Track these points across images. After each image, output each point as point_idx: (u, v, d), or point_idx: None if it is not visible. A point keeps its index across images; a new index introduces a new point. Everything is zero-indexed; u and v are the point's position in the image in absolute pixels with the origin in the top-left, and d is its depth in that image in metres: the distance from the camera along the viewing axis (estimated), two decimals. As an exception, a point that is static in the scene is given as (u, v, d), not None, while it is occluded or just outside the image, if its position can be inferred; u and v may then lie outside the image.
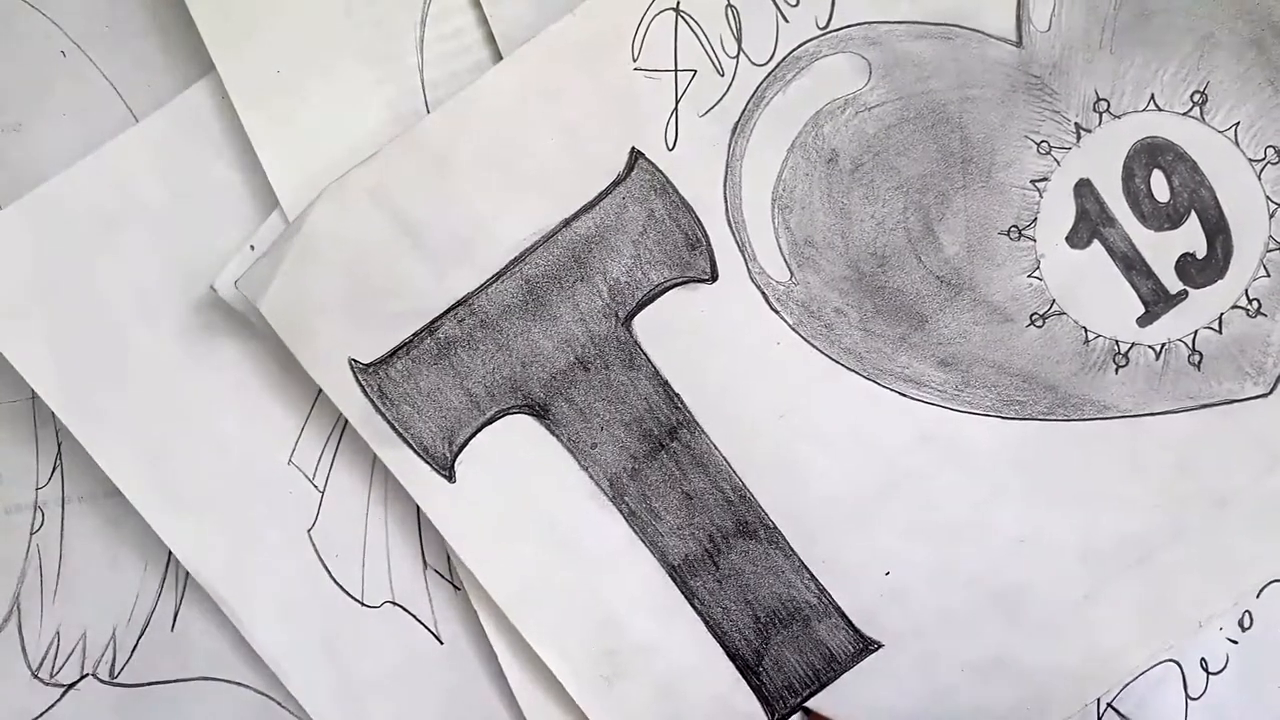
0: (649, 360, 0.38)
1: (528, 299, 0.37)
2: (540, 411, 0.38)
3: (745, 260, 0.37)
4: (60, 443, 0.40)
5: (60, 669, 0.40)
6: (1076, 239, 0.37)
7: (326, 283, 0.37)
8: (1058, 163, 0.37)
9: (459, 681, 0.40)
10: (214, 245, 0.38)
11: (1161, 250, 0.37)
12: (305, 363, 0.37)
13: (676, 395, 0.38)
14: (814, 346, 0.38)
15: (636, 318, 0.37)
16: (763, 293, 0.38)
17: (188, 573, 0.39)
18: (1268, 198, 0.37)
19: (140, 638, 0.40)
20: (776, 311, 0.38)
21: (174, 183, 0.38)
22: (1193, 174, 0.37)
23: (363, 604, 0.40)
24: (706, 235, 0.37)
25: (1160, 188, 0.37)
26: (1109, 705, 0.39)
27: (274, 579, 0.39)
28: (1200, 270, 0.38)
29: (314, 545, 0.39)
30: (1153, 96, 0.37)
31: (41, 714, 0.40)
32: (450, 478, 0.38)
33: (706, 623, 0.38)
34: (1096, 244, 0.37)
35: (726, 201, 0.37)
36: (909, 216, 0.37)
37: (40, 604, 0.40)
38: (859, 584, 0.38)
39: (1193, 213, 0.37)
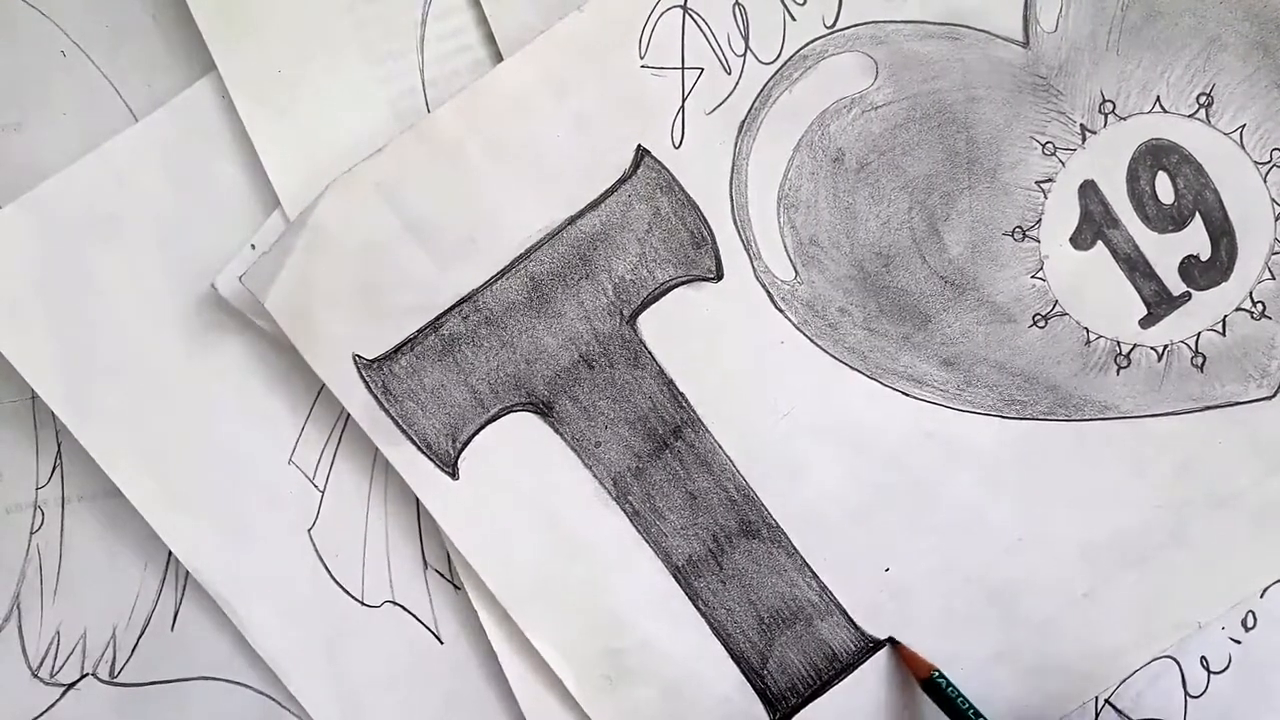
0: (653, 358, 0.37)
1: (532, 296, 0.37)
2: (544, 409, 0.37)
3: (750, 259, 0.37)
4: (60, 442, 0.40)
5: (60, 669, 0.40)
6: (1080, 240, 0.37)
7: (332, 278, 0.36)
8: (1063, 164, 0.37)
9: (459, 681, 0.40)
10: (215, 244, 0.38)
11: (1165, 252, 0.38)
12: (309, 358, 0.37)
13: (681, 394, 0.38)
14: (818, 345, 0.38)
15: (641, 316, 0.37)
16: (767, 291, 0.37)
17: (188, 572, 0.39)
18: (1273, 200, 0.37)
19: (140, 637, 0.40)
20: (781, 310, 0.38)
21: (174, 182, 0.38)
22: (1197, 176, 0.37)
23: (363, 604, 0.39)
24: (712, 233, 0.37)
25: (1165, 190, 0.37)
26: (1106, 702, 0.39)
27: (274, 578, 0.39)
28: (1204, 272, 0.38)
29: (314, 545, 0.39)
30: (1158, 98, 0.37)
31: (41, 714, 0.40)
32: (454, 475, 0.38)
33: (710, 624, 0.38)
34: (1100, 245, 0.37)
35: (732, 200, 0.37)
36: (914, 216, 0.37)
37: (40, 603, 0.40)
38: (860, 582, 0.38)
39: (1197, 215, 0.37)
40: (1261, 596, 0.39)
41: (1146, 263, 0.38)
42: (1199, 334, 0.38)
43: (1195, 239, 0.38)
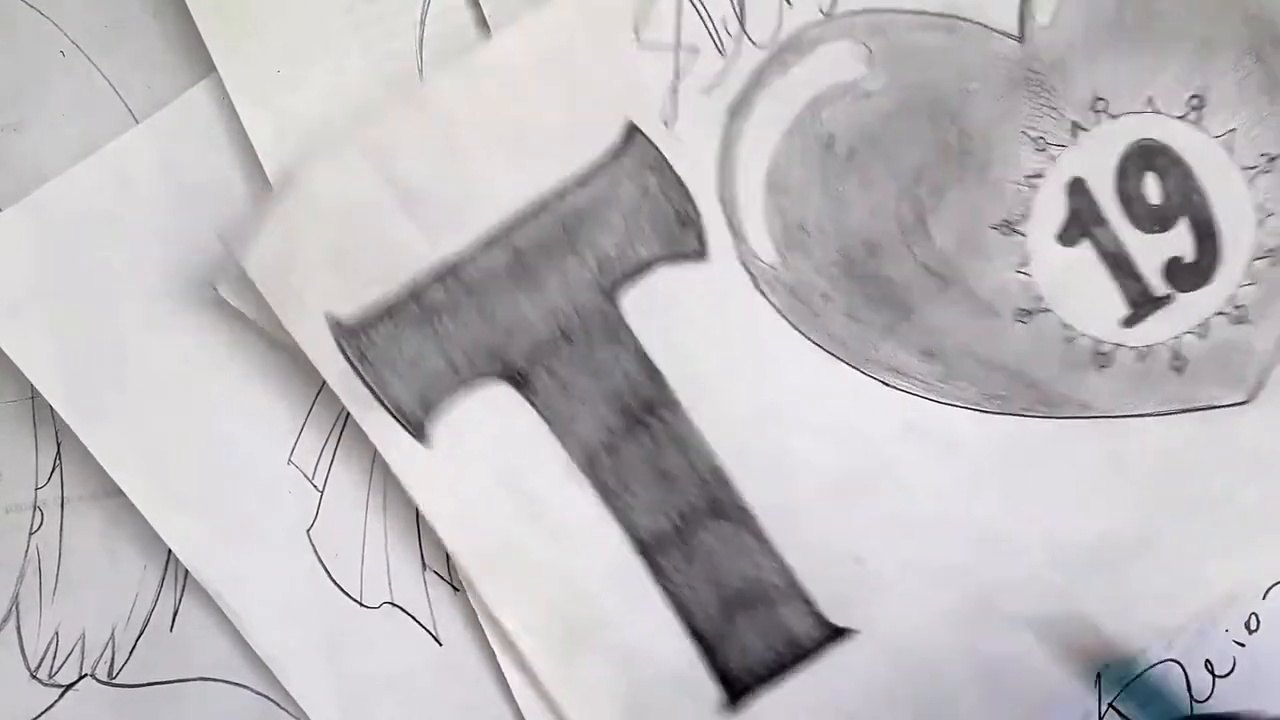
0: (633, 335, 0.37)
1: (515, 268, 0.37)
2: (520, 381, 0.37)
3: (736, 241, 0.37)
4: (60, 442, 0.40)
5: (59, 669, 0.40)
6: (1067, 237, 0.37)
7: (314, 241, 0.36)
8: (1053, 160, 0.37)
9: (458, 683, 0.40)
10: (215, 245, 0.38)
11: (1150, 253, 0.38)
12: (286, 321, 0.37)
13: (659, 373, 0.37)
14: (799, 331, 0.38)
15: (624, 293, 0.37)
16: (751, 274, 0.37)
17: (187, 573, 0.39)
18: (1258, 205, 0.37)
19: (139, 638, 0.40)
20: (764, 294, 0.37)
21: (174, 183, 0.38)
22: (1186, 178, 0.37)
23: (361, 604, 0.39)
24: (699, 214, 0.37)
25: (1153, 190, 0.37)
26: (1110, 705, 0.39)
27: (273, 579, 0.39)
28: (1188, 275, 0.38)
29: (313, 545, 0.39)
30: (1151, 98, 0.37)
31: (40, 714, 0.40)
32: (425, 442, 0.37)
33: (672, 601, 0.38)
34: (1086, 243, 0.37)
35: (720, 181, 0.37)
36: (902, 206, 0.37)
37: (39, 604, 0.40)
38: (830, 571, 0.38)
39: (1184, 217, 0.37)
40: (1264, 598, 0.39)
41: (1131, 262, 0.38)
42: (1180, 336, 0.38)
43: (1181, 241, 0.38)
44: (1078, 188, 0.37)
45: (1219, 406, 0.38)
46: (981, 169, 0.37)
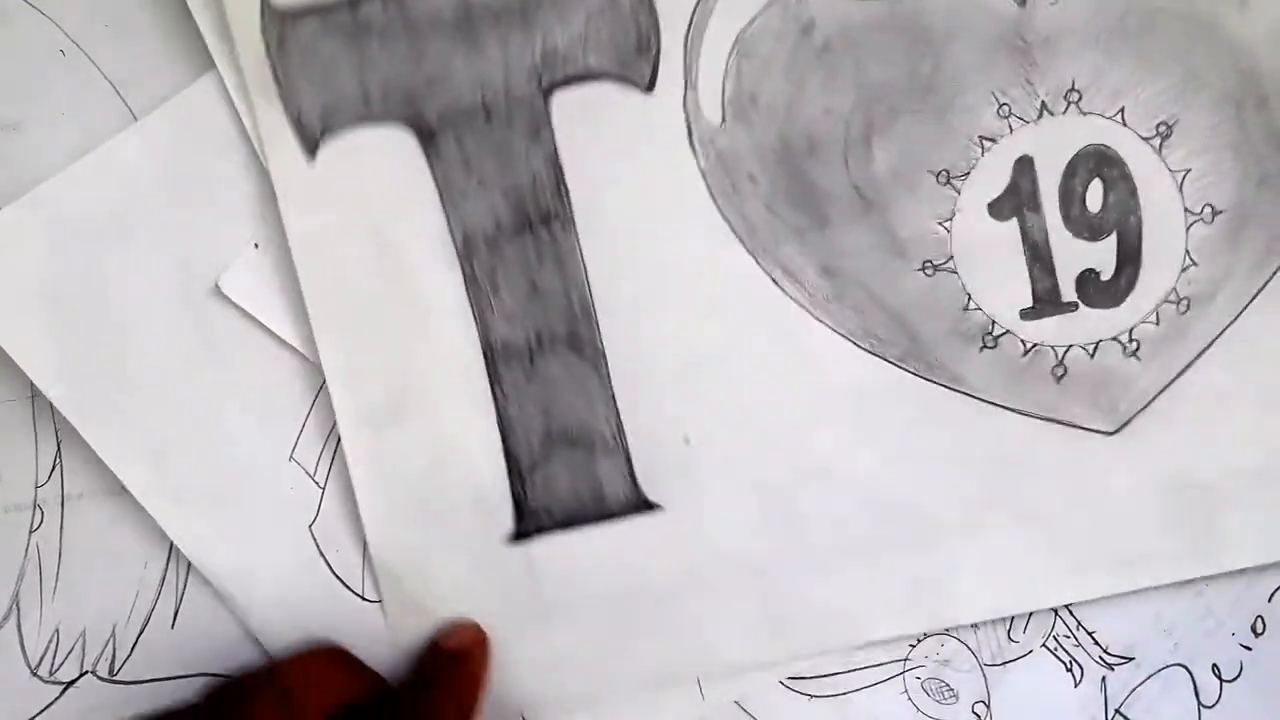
0: (554, 140, 0.36)
1: (461, 22, 0.36)
2: (427, 137, 0.36)
3: (685, 86, 0.36)
4: (60, 440, 0.39)
5: (59, 666, 0.39)
6: (998, 210, 0.37)
7: None
8: (1011, 130, 0.37)
9: None
10: (215, 243, 0.38)
11: (1072, 256, 0.37)
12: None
13: (565, 185, 0.36)
14: (713, 199, 0.37)
15: (558, 94, 0.36)
16: (689, 125, 0.37)
17: (188, 570, 0.39)
18: (1186, 252, 0.37)
19: (140, 635, 0.39)
20: (694, 150, 0.37)
21: (175, 181, 0.38)
22: (1128, 198, 0.37)
23: (363, 598, 0.39)
24: (660, 44, 0.36)
25: (1094, 197, 0.37)
26: (1116, 710, 0.38)
27: (276, 573, 0.39)
28: (1099, 291, 0.37)
29: (315, 540, 0.39)
30: (1123, 109, 0.37)
31: (40, 712, 0.39)
32: (311, 158, 0.36)
33: (500, 414, 0.37)
34: (1014, 222, 0.37)
35: (692, 22, 0.36)
36: (855, 116, 0.37)
37: (39, 602, 0.39)
38: (659, 441, 0.37)
39: (1115, 234, 0.37)
40: (1269, 601, 0.38)
41: (1050, 259, 0.37)
42: (1070, 347, 0.38)
43: (1103, 256, 0.37)
44: (1025, 166, 0.37)
45: (1082, 428, 0.38)
46: (942, 111, 0.37)
